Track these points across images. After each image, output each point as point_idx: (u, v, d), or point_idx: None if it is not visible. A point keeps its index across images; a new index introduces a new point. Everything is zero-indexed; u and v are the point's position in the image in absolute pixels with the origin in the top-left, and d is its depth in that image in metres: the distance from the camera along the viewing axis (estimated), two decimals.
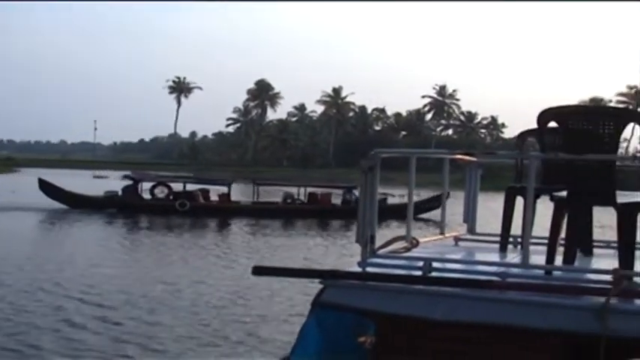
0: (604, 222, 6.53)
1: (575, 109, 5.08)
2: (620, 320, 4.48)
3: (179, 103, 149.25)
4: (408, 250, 5.71)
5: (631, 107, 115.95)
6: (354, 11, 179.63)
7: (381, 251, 5.37)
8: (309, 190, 46.14)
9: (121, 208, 43.62)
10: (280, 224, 39.94)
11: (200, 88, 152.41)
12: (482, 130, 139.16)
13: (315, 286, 5.21)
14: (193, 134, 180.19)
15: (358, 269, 5.20)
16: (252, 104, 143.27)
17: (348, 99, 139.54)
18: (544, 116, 5.17)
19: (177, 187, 46.30)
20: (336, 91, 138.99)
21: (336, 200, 46.31)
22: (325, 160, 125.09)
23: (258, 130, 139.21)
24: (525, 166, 5.90)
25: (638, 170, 5.04)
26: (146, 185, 46.29)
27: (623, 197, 5.10)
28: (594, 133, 4.96)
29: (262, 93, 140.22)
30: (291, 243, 31.57)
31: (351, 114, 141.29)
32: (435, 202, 33.97)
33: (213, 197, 46.07)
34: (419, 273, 5.01)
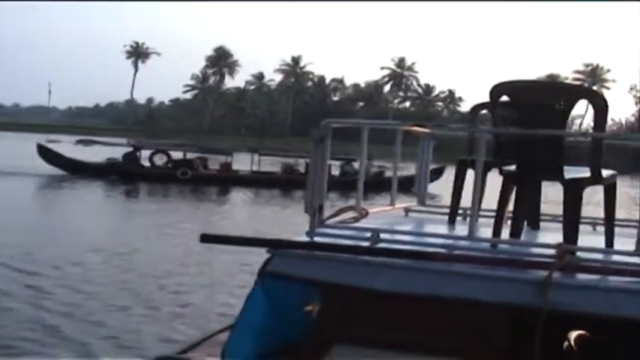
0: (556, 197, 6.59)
1: (528, 83, 5.10)
2: (561, 294, 4.54)
3: (136, 68, 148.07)
4: (357, 220, 5.72)
5: (586, 85, 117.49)
6: None
7: (329, 221, 5.38)
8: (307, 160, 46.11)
9: (121, 175, 43.52)
10: (279, 194, 40.19)
11: (158, 54, 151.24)
12: (440, 104, 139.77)
13: None
14: (150, 100, 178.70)
15: (306, 239, 5.21)
16: (210, 71, 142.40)
17: (306, 68, 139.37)
18: (496, 90, 5.18)
19: (176, 155, 46.53)
20: (295, 60, 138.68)
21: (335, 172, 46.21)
22: (282, 129, 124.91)
23: (216, 97, 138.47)
24: (477, 140, 5.93)
25: (588, 146, 5.07)
26: (144, 153, 46.54)
27: (574, 173, 5.14)
28: (545, 109, 4.99)
29: (221, 60, 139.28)
30: (285, 212, 31.61)
31: (309, 84, 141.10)
32: (434, 175, 34.11)
33: (214, 166, 46.04)
34: (366, 243, 5.03)
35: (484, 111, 6.44)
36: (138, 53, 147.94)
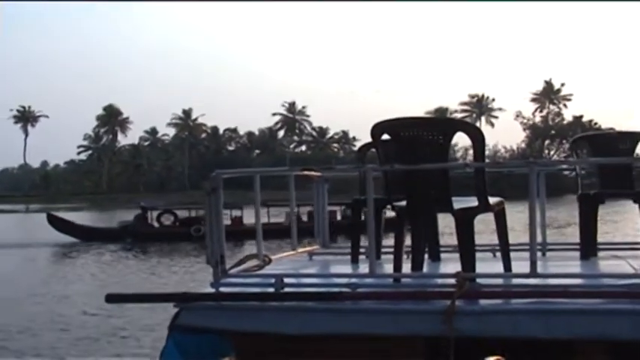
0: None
1: (405, 120, 5.23)
2: (465, 321, 4.69)
3: (26, 132, 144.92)
4: (260, 267, 5.77)
5: (474, 115, 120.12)
6: (193, 33, 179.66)
7: (232, 270, 5.42)
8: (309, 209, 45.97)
9: (134, 237, 42.55)
10: (286, 243, 39.28)
11: (46, 116, 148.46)
12: (335, 145, 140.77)
13: None
14: (45, 164, 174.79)
15: (211, 290, 5.23)
16: (102, 130, 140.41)
17: (199, 120, 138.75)
18: (377, 129, 5.31)
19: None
20: (187, 112, 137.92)
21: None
22: (181, 182, 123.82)
23: (111, 156, 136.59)
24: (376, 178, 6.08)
25: (470, 176, 5.24)
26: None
27: (463, 203, 5.30)
28: (425, 143, 5.14)
29: (111, 119, 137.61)
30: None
31: (203, 135, 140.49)
32: None
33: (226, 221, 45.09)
34: (272, 289, 5.08)
35: (373, 149, 6.59)
36: (26, 117, 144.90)
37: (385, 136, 5.38)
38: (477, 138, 5.14)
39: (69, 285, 24.81)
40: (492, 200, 5.32)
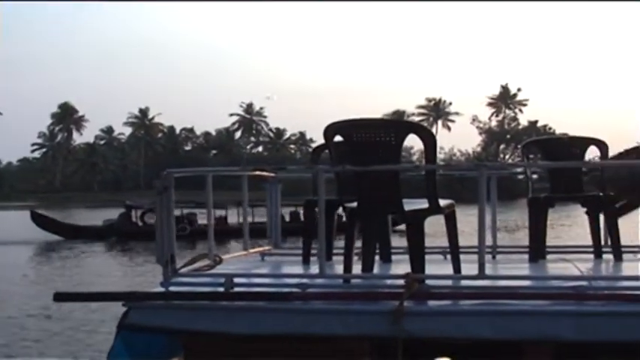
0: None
1: (357, 122, 5.25)
2: (414, 322, 4.72)
3: None
4: (211, 267, 5.75)
5: (431, 118, 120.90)
6: (150, 30, 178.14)
7: (183, 270, 5.40)
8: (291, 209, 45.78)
9: (119, 235, 42.16)
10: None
11: (0, 113, 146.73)
12: (292, 146, 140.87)
13: None
14: None
15: (161, 289, 5.21)
16: (57, 128, 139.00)
17: (155, 120, 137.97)
18: (329, 130, 5.33)
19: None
20: (143, 112, 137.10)
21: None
22: (136, 182, 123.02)
23: (65, 154, 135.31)
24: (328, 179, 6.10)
25: (421, 179, 5.28)
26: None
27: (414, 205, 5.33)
28: (377, 145, 5.16)
29: (67, 116, 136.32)
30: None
31: (159, 135, 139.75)
32: None
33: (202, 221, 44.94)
34: (222, 289, 5.08)
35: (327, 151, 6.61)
36: None
37: (338, 138, 5.40)
38: (429, 141, 5.17)
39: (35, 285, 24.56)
40: (443, 202, 5.36)
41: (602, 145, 6.53)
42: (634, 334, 4.57)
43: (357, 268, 5.51)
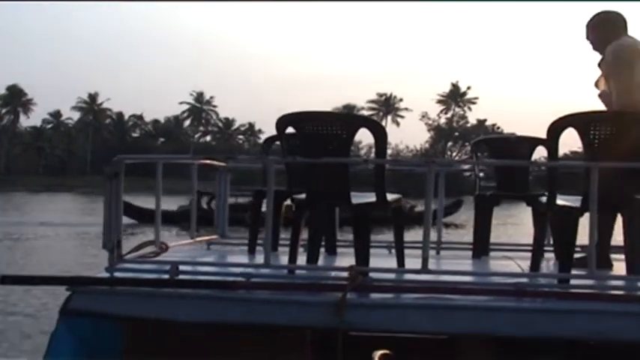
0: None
1: (310, 114, 5.30)
2: (356, 314, 4.77)
3: None
4: (157, 254, 5.76)
5: (381, 113, 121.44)
6: (103, 13, 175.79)
7: (129, 256, 5.40)
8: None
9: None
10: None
11: None
12: (241, 136, 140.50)
13: None
14: None
15: (106, 274, 5.21)
16: (4, 110, 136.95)
17: (104, 105, 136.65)
18: (281, 122, 5.37)
19: None
20: (92, 97, 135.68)
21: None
22: (83, 167, 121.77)
23: (11, 137, 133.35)
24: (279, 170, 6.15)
25: (371, 173, 5.34)
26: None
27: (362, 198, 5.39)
28: (328, 138, 5.21)
29: (14, 99, 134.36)
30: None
31: (108, 121, 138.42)
32: (453, 209, 37.61)
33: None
34: (167, 276, 5.09)
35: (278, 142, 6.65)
36: None
37: (290, 129, 5.43)
38: (380, 135, 5.22)
39: None
40: (391, 197, 5.43)
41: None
42: (569, 330, 4.67)
43: (303, 260, 5.56)
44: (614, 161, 4.98)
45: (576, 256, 5.32)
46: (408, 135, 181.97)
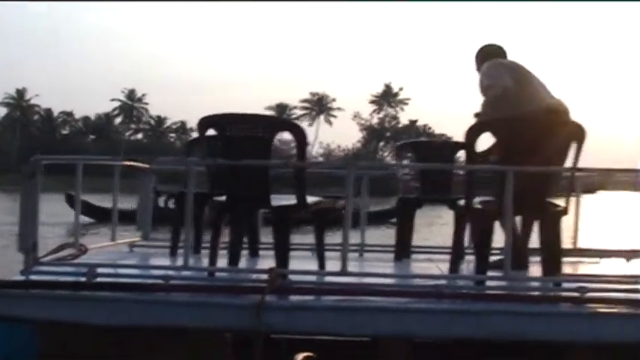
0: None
1: (230, 116, 5.28)
2: (275, 316, 4.77)
3: None
4: (75, 257, 5.69)
5: (314, 113, 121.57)
6: (31, 11, 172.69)
7: (46, 259, 5.32)
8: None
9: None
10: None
11: None
12: (172, 135, 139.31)
13: None
14: None
15: (21, 277, 5.12)
16: None
17: (33, 101, 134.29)
18: (203, 124, 5.34)
19: None
20: (20, 92, 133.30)
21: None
22: (8, 164, 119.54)
23: None
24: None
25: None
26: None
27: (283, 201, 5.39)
28: (249, 140, 5.20)
29: None
30: None
31: (36, 117, 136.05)
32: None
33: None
34: (83, 279, 5.03)
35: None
36: None
37: (212, 131, 5.41)
38: (300, 138, 5.23)
39: None
40: (311, 199, 5.44)
41: None
42: (486, 331, 4.74)
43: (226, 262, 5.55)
44: (529, 165, 5.07)
45: (496, 258, 5.42)
46: (341, 134, 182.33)
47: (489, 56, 6.46)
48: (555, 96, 6.26)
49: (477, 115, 6.19)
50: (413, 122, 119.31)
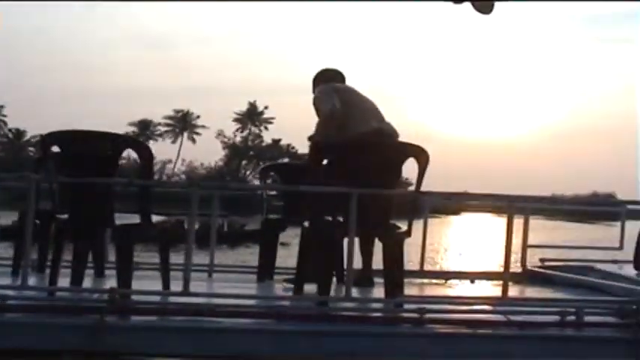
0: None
1: (74, 133, 5.21)
2: (116, 337, 4.71)
3: None
4: None
5: (177, 130, 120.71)
6: None
7: None
8: None
9: None
10: None
11: None
12: (32, 149, 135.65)
13: None
14: None
15: None
16: None
17: None
18: (46, 140, 5.25)
19: None
20: None
21: None
22: None
23: None
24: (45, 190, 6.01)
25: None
26: None
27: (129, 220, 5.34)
28: (92, 157, 5.14)
29: None
30: None
31: None
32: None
33: None
34: None
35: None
36: None
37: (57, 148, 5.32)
38: (145, 156, 5.21)
39: None
40: (156, 219, 5.41)
41: None
42: (327, 351, 4.80)
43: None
44: (371, 187, 5.19)
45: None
46: (204, 152, 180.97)
47: (326, 80, 6.69)
48: (385, 119, 6.52)
49: (310, 138, 6.41)
50: (276, 141, 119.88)
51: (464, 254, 31.58)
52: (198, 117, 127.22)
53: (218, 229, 6.95)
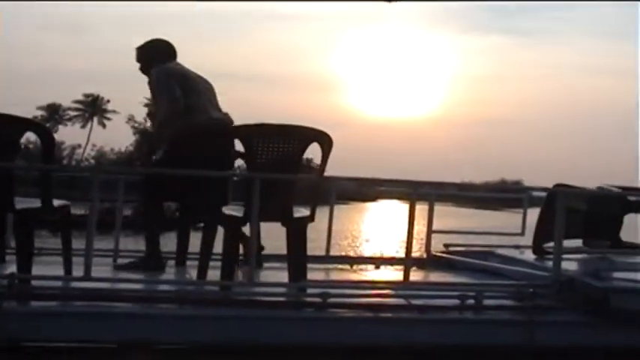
0: None
1: None
2: (17, 323, 4.63)
3: None
4: None
5: (87, 114, 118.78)
6: None
7: None
8: None
9: None
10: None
11: None
12: None
13: None
14: None
15: None
16: None
17: None
18: None
19: None
20: None
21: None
22: None
23: None
24: None
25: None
26: None
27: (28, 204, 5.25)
28: None
29: None
30: None
31: None
32: None
33: None
34: None
35: None
36: None
37: None
38: (45, 139, 5.14)
39: None
40: (58, 203, 5.34)
41: None
42: (227, 337, 4.82)
43: None
44: (273, 172, 5.22)
45: None
46: (115, 137, 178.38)
47: (156, 55, 6.60)
48: (221, 107, 6.60)
49: (158, 126, 6.60)
50: None
51: (371, 240, 31.94)
52: (108, 101, 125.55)
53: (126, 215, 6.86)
